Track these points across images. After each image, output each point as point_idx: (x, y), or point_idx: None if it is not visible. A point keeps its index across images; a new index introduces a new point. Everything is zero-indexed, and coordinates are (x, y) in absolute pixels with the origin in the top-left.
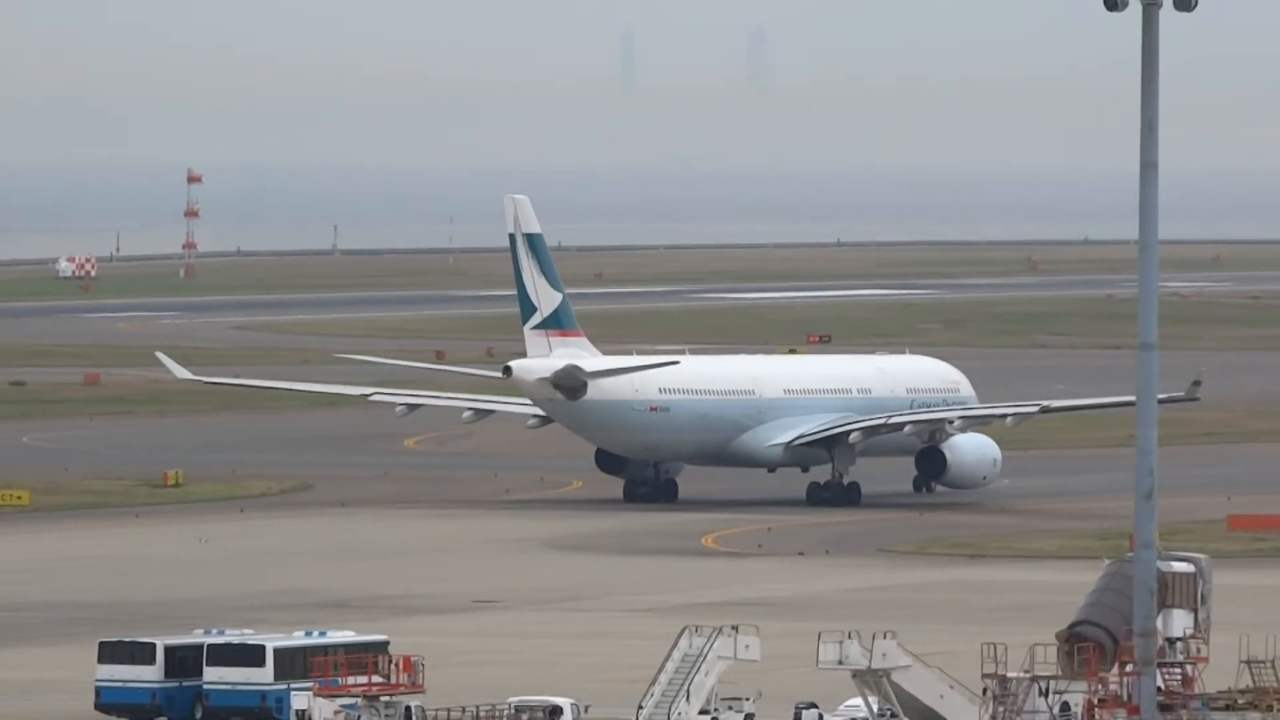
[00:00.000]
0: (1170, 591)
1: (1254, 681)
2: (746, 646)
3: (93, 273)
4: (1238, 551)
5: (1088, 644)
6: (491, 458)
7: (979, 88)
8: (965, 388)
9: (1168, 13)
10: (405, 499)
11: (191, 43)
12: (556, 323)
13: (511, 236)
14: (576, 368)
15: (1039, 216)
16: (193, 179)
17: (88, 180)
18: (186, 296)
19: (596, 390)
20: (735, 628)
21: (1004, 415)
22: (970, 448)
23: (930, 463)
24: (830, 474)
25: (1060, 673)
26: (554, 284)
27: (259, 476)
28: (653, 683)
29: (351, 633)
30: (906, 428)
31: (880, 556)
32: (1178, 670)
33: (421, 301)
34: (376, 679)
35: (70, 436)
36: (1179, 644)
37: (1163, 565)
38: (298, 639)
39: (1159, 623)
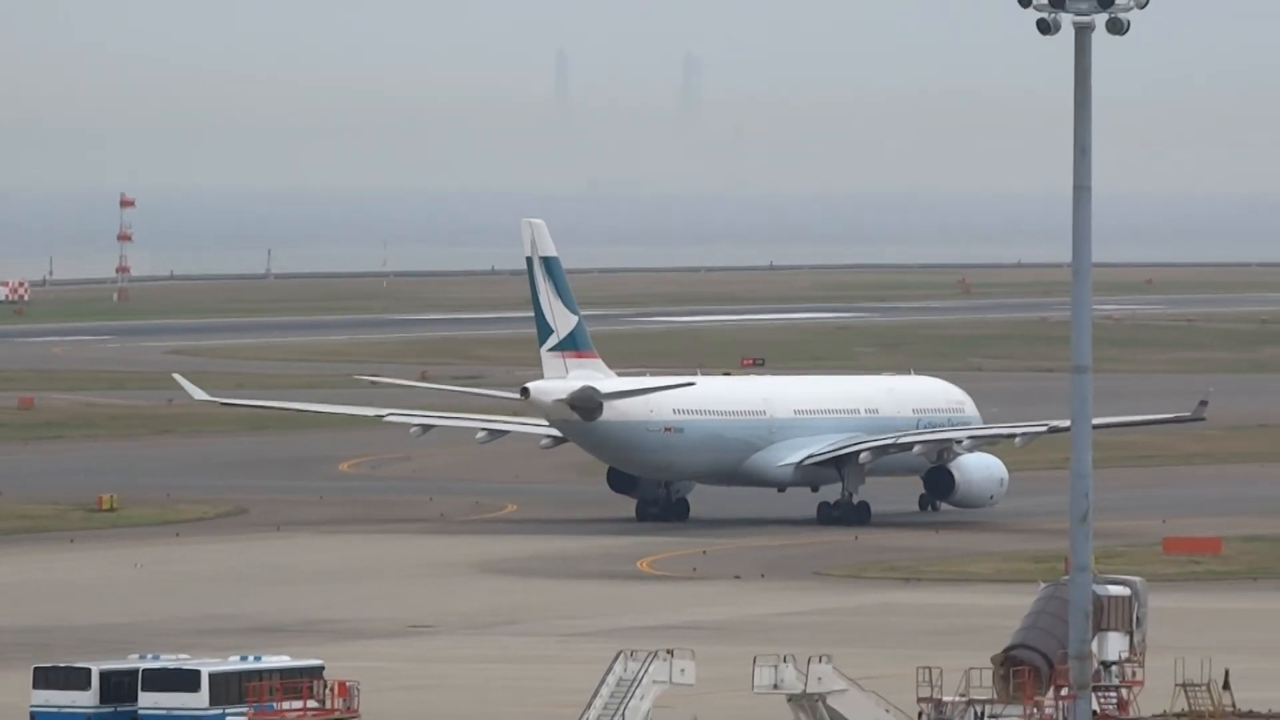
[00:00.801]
0: (1106, 615)
1: (1189, 705)
2: (682, 671)
3: (26, 297)
4: (1173, 574)
5: (1023, 667)
6: (427, 481)
7: (912, 110)
8: (970, 408)
9: (1100, 36)
10: (341, 523)
11: (126, 65)
12: (573, 344)
13: (529, 260)
14: (593, 389)
15: (972, 239)
16: (125, 203)
17: (18, 204)
18: (120, 321)
19: (612, 411)
20: (670, 652)
21: (1012, 435)
22: (978, 467)
23: (938, 482)
24: (840, 493)
25: (996, 697)
26: (570, 306)
27: (194, 501)
28: (588, 707)
29: (287, 658)
30: (916, 447)
31: (816, 580)
32: (1113, 694)
33: (356, 325)
34: (312, 704)
35: (4, 461)
36: (1114, 667)
37: (1098, 588)
38: (233, 664)
39: (1094, 646)
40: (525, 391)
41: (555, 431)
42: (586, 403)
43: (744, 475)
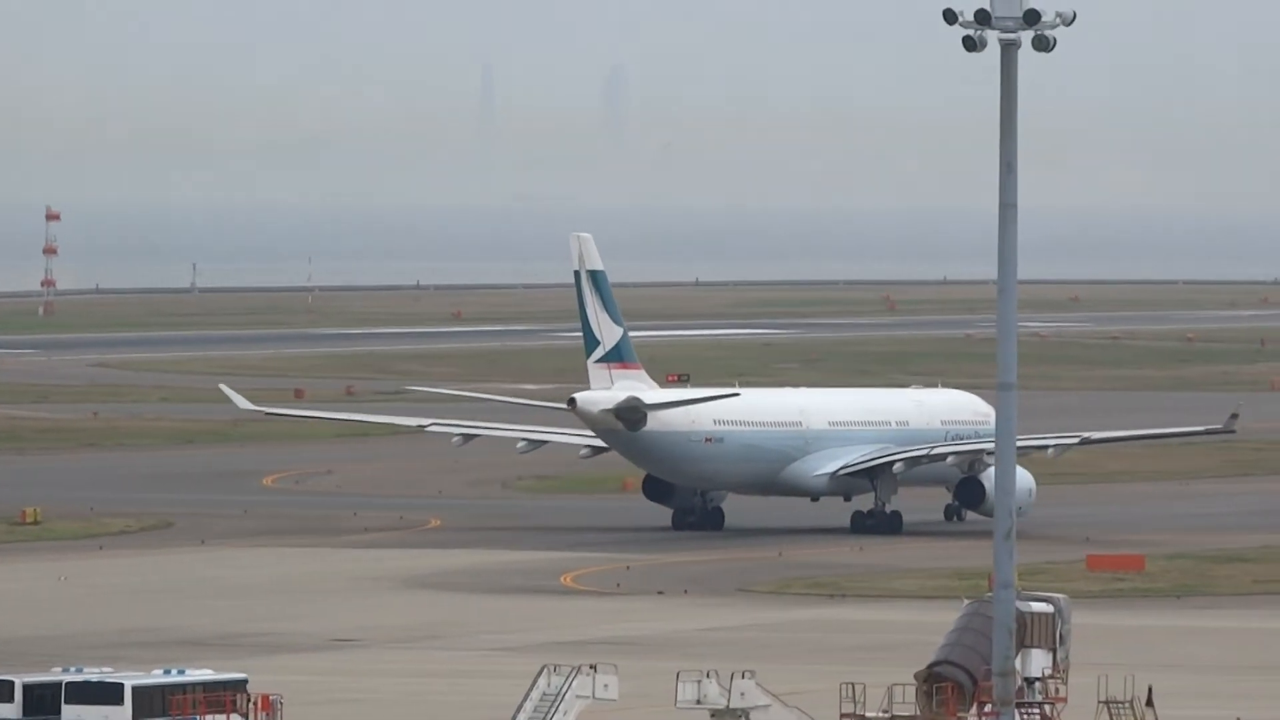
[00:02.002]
0: (1029, 631)
1: None
2: (605, 686)
3: None
4: (1097, 592)
5: (946, 684)
6: (351, 495)
7: (838, 126)
8: (994, 420)
9: (1026, 53)
10: (265, 536)
11: (50, 82)
12: (618, 356)
13: (576, 273)
14: (638, 399)
15: (897, 256)
16: (51, 217)
17: None
18: (45, 334)
19: (656, 422)
20: (594, 667)
21: (1045, 447)
22: None
23: (969, 492)
24: (874, 503)
25: (919, 713)
26: (615, 319)
27: (118, 514)
28: None
29: (210, 671)
30: (949, 458)
31: (739, 596)
32: (1036, 710)
33: (281, 340)
34: (235, 718)
35: None
36: (1037, 684)
37: (1022, 605)
38: (156, 677)
39: (1018, 663)
40: (572, 402)
41: (594, 441)
42: (632, 413)
43: (780, 485)
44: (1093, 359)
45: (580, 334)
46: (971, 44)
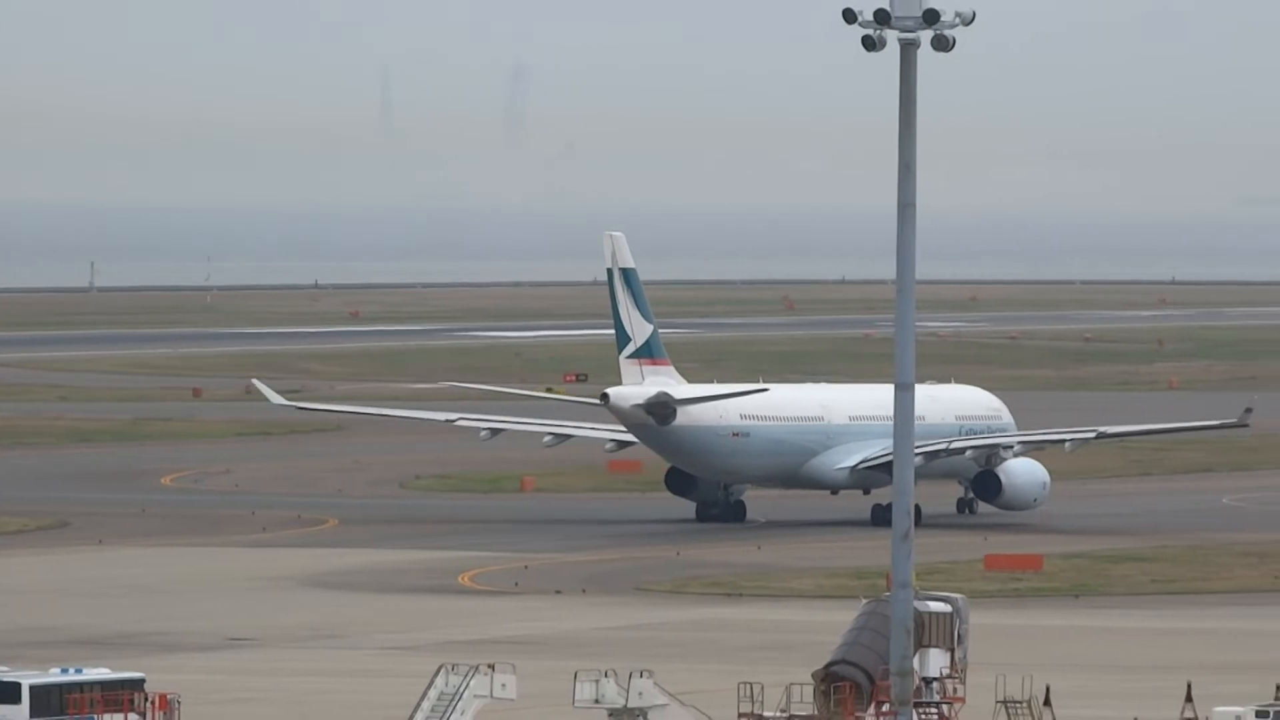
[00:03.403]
0: (927, 631)
1: None
2: (503, 685)
3: None
4: (994, 591)
5: (844, 683)
6: (249, 495)
7: (737, 126)
8: (1005, 415)
9: (925, 53)
10: (162, 536)
11: None
12: (649, 352)
13: (609, 271)
14: (668, 394)
15: (796, 256)
16: None
17: None
18: None
19: (685, 416)
20: (492, 666)
21: (1062, 441)
22: (1022, 471)
23: (986, 485)
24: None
25: (816, 712)
26: (646, 316)
27: (15, 513)
28: None
29: (107, 670)
30: (968, 452)
31: (637, 595)
32: (934, 710)
33: (179, 339)
34: (133, 717)
35: None
36: (935, 684)
37: (919, 605)
38: (53, 676)
39: (915, 662)
40: (605, 397)
41: (619, 435)
42: (662, 408)
43: (803, 479)
44: (990, 359)
45: (465, 335)
46: (871, 43)
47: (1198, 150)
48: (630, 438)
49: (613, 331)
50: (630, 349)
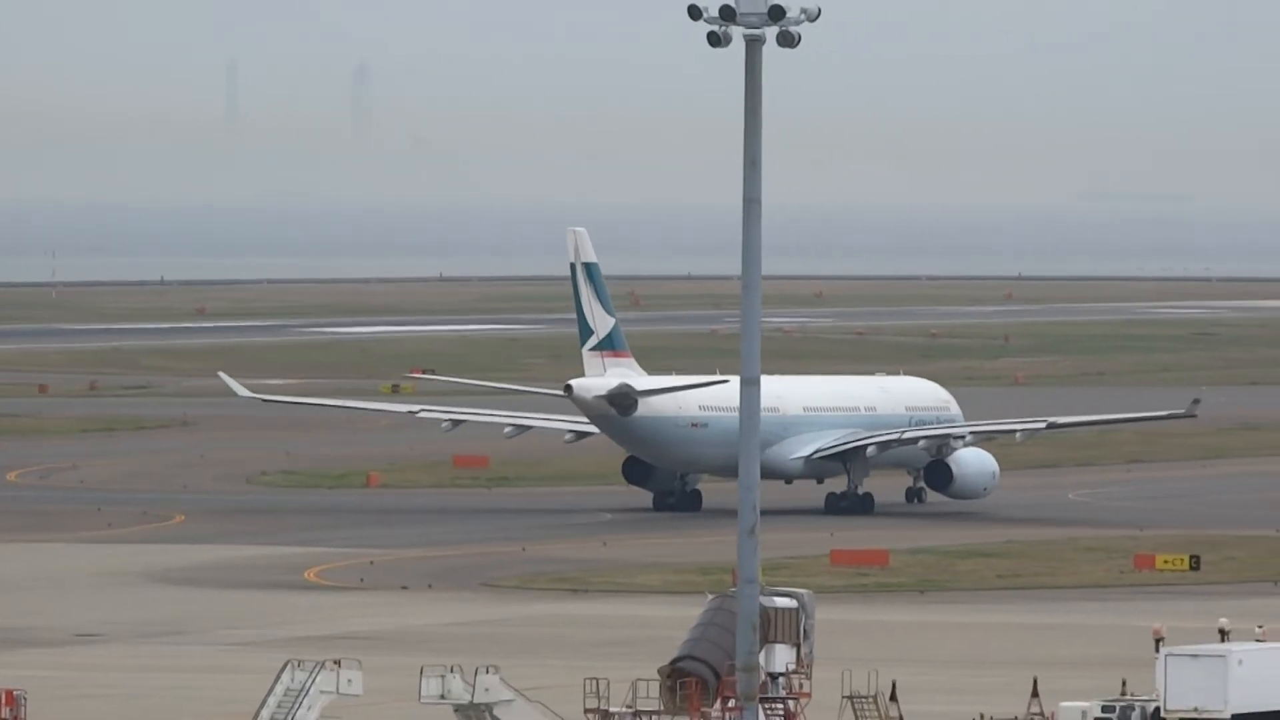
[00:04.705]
0: (773, 627)
1: (856, 717)
2: (349, 681)
3: None
4: (840, 587)
5: (690, 679)
6: (94, 491)
7: (586, 120)
8: (954, 406)
9: (771, 49)
10: (7, 532)
11: None
12: (610, 344)
13: (572, 265)
14: (629, 386)
15: (642, 251)
16: None
17: None
18: None
19: (646, 407)
20: (338, 662)
21: (1013, 431)
22: (973, 461)
23: (937, 475)
24: (846, 485)
25: (663, 708)
26: (608, 309)
27: None
28: (254, 717)
29: None
30: (920, 442)
31: (483, 591)
32: (780, 705)
33: (24, 335)
34: None
35: None
36: (781, 679)
37: (765, 600)
38: None
39: (761, 658)
40: (569, 388)
41: (578, 426)
42: (623, 399)
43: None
44: (836, 354)
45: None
46: (716, 40)
47: (1043, 147)
48: (589, 428)
49: (470, 328)
50: (593, 341)
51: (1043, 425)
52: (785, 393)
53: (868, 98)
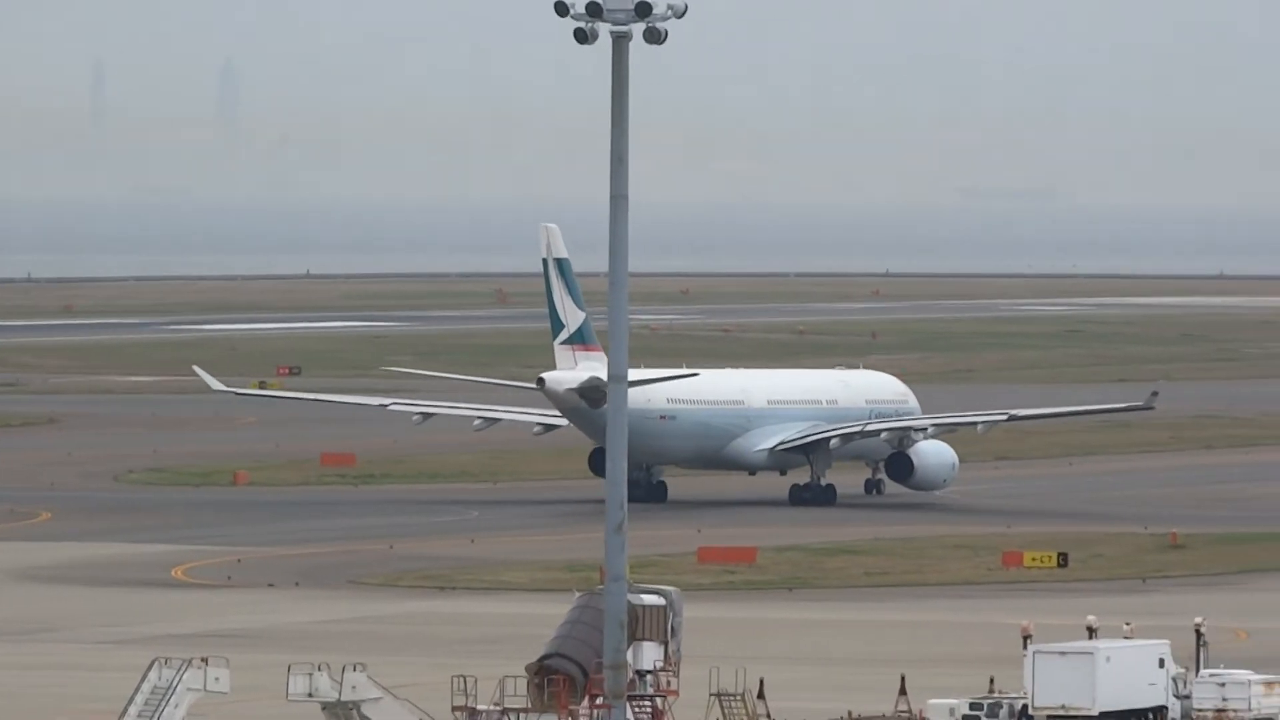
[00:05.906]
0: (640, 624)
1: (724, 714)
2: (216, 679)
3: None
4: (708, 584)
5: (558, 677)
6: None
7: (452, 119)
8: (912, 399)
9: (638, 45)
10: None
11: None
12: (581, 339)
13: (544, 261)
14: (599, 379)
15: (509, 250)
16: None
17: None
18: None
19: None
20: (205, 660)
21: (974, 423)
22: (933, 453)
23: (899, 467)
24: (810, 476)
25: (530, 706)
26: (579, 304)
27: None
28: (122, 715)
29: None
30: (882, 434)
31: (350, 588)
32: (648, 703)
33: None
34: None
35: None
36: (649, 677)
37: (633, 598)
38: None
39: (629, 655)
40: (541, 381)
41: (547, 419)
42: (593, 392)
43: (724, 460)
44: (703, 351)
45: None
46: (583, 36)
47: (918, 142)
48: (559, 421)
49: (334, 325)
50: (564, 335)
51: (1004, 417)
52: (749, 386)
53: (734, 95)
